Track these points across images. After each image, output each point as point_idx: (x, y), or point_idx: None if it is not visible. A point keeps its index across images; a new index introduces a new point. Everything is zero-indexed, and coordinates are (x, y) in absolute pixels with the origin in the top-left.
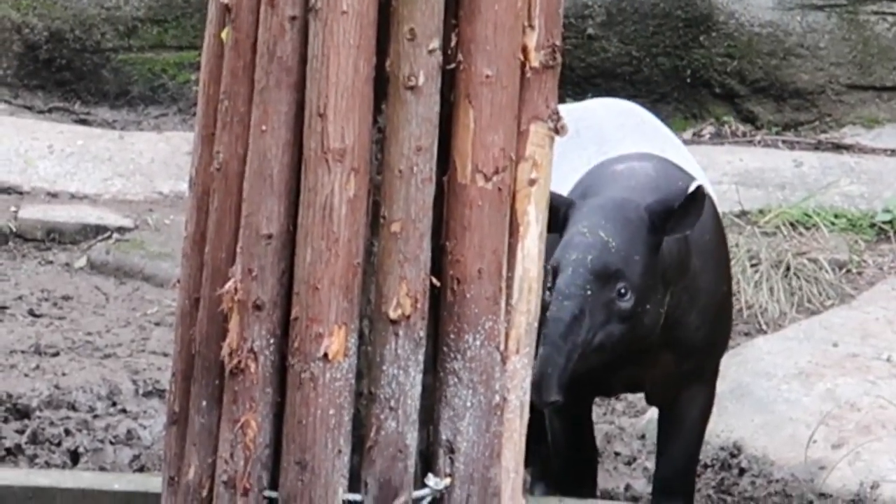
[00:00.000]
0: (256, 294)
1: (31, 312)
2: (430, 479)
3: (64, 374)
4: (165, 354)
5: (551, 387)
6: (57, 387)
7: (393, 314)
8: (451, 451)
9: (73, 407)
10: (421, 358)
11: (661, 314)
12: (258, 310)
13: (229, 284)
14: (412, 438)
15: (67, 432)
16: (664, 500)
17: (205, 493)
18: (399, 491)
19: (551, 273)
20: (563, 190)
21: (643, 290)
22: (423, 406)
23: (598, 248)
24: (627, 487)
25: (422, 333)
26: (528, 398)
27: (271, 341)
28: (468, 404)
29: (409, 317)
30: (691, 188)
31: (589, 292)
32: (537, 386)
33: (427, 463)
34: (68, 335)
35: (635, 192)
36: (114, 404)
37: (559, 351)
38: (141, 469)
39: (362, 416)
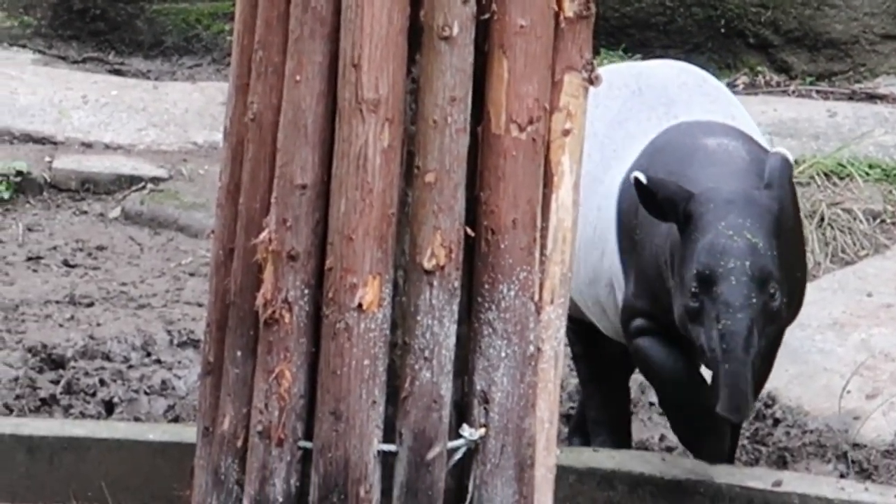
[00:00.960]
0: (291, 244)
1: (66, 263)
2: (465, 430)
3: (98, 325)
4: (200, 305)
5: (748, 403)
6: (91, 337)
7: (427, 264)
8: (486, 401)
9: (107, 357)
10: (455, 308)
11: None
12: (293, 260)
13: (264, 234)
14: (447, 389)
15: (102, 382)
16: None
17: (239, 443)
18: (434, 441)
19: (695, 278)
20: (632, 151)
21: (782, 284)
22: (458, 356)
23: (751, 253)
24: (662, 438)
25: (456, 284)
26: (562, 348)
27: (306, 291)
28: (502, 355)
29: (443, 267)
30: (781, 151)
31: (754, 300)
32: (732, 404)
33: (461, 413)
34: (103, 285)
35: (739, 178)
36: (148, 354)
37: (745, 365)
38: (175, 419)
39: (397, 366)
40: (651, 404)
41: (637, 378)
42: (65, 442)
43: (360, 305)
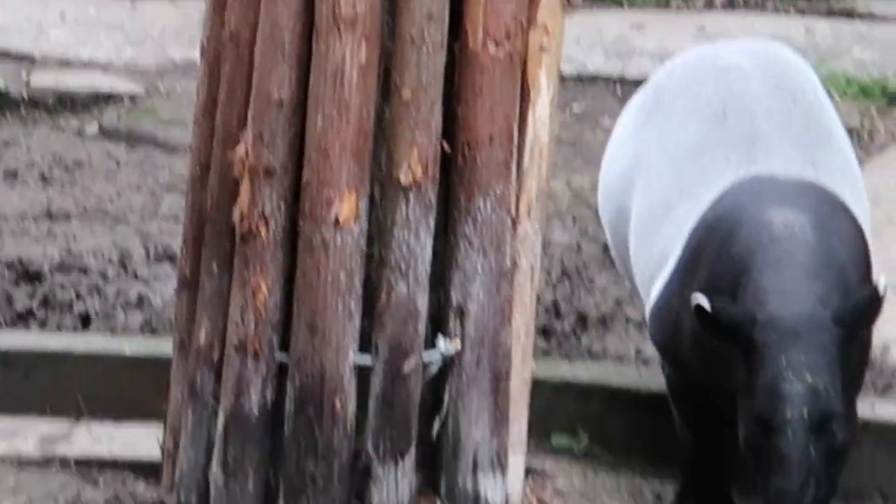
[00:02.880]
0: (267, 159)
1: (43, 178)
2: (441, 343)
3: (75, 239)
4: (177, 220)
5: None
6: (68, 251)
7: (404, 179)
8: (462, 314)
9: (84, 271)
10: (432, 222)
11: (856, 415)
12: (269, 175)
13: (240, 149)
14: (423, 302)
15: (78, 296)
16: None
17: (216, 356)
18: (409, 354)
19: (755, 422)
20: (704, 195)
21: (847, 413)
22: (434, 270)
23: (811, 398)
24: (639, 351)
25: (432, 198)
26: (538, 262)
27: (282, 206)
28: (479, 268)
29: (419, 182)
30: (880, 287)
31: (812, 451)
32: None
33: (437, 326)
34: (80, 200)
35: (804, 283)
36: (125, 269)
37: None
38: (152, 333)
39: (373, 280)
40: (627, 319)
41: (614, 293)
42: (41, 355)
43: (336, 220)
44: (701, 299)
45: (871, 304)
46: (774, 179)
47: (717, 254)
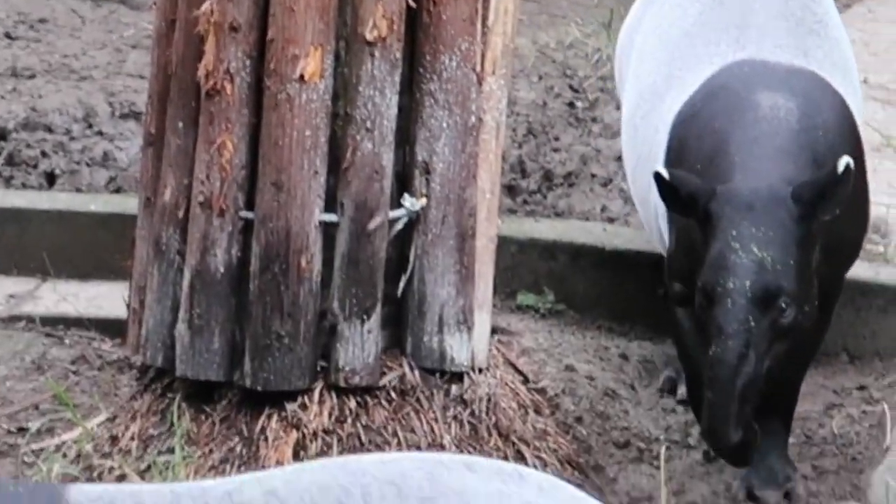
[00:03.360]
0: (232, 15)
1: (7, 35)
2: (406, 200)
3: (40, 97)
4: (142, 77)
5: (727, 433)
6: (33, 109)
7: (369, 35)
8: (427, 171)
9: (49, 129)
10: (397, 79)
11: (816, 297)
12: (234, 31)
13: (205, 6)
14: (388, 159)
15: (44, 154)
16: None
17: (181, 213)
18: (375, 211)
19: (700, 292)
20: (692, 80)
21: (801, 293)
22: (400, 127)
23: (756, 270)
24: (604, 209)
25: (398, 55)
26: (503, 119)
27: (247, 63)
28: (444, 125)
29: (385, 38)
30: (840, 166)
31: (752, 323)
32: (708, 433)
33: (403, 184)
34: (44, 58)
35: (778, 161)
36: (90, 126)
37: (730, 395)
38: (117, 191)
39: (338, 137)
40: (593, 176)
41: (579, 151)
42: (7, 213)
43: (301, 76)
44: (660, 169)
45: (831, 182)
46: (766, 64)
47: (699, 133)
